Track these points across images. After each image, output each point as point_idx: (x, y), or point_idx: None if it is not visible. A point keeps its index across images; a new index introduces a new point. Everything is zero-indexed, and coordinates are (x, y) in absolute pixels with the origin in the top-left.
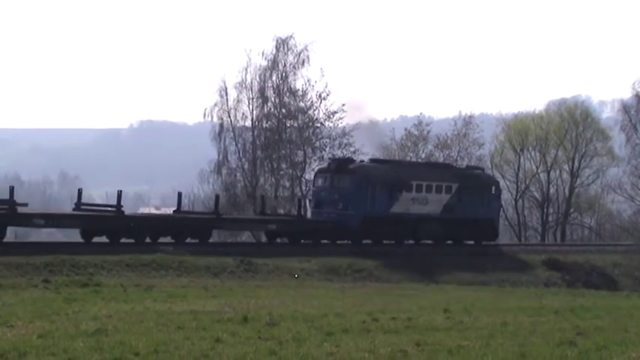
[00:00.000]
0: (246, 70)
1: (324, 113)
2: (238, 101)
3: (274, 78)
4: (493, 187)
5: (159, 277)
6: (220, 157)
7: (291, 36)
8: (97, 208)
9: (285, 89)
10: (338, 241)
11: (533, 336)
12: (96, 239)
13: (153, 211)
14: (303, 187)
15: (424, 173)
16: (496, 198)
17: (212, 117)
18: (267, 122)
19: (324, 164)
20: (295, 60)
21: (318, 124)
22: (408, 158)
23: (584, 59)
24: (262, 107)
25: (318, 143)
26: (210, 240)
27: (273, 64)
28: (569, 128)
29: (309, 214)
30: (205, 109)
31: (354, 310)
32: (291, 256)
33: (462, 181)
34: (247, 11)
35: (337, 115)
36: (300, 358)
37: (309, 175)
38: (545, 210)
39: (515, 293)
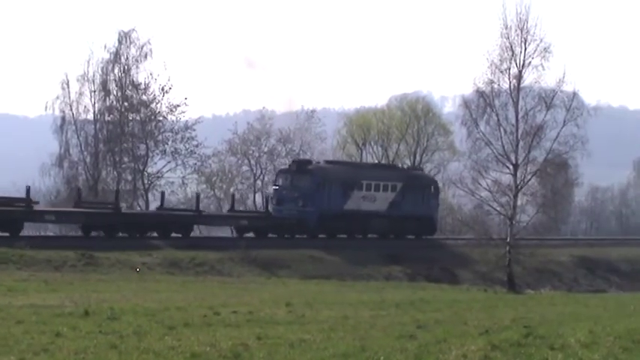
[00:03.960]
0: (88, 62)
1: (167, 107)
2: (80, 94)
3: (117, 71)
4: (432, 187)
5: None
6: (62, 150)
7: (133, 29)
8: (95, 206)
9: (128, 82)
10: (297, 236)
11: (374, 329)
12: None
13: None
14: (145, 181)
15: (373, 173)
16: (435, 196)
17: (54, 109)
18: (109, 115)
19: (285, 165)
20: (138, 53)
21: (161, 118)
22: (251, 152)
23: (426, 55)
24: (104, 100)
25: (160, 137)
26: (51, 233)
27: (116, 57)
28: (411, 123)
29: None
30: (47, 102)
31: (195, 304)
32: (133, 250)
33: (406, 180)
34: (90, 3)
35: (180, 109)
36: (141, 352)
37: (152, 169)
38: None
39: (356, 287)
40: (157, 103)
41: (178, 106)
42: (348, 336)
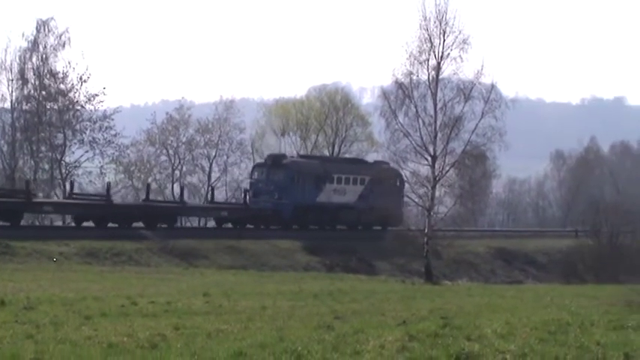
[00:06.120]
0: (6, 51)
1: (85, 96)
2: None
3: (34, 59)
4: (398, 180)
5: None
6: None
7: (52, 18)
8: (88, 197)
9: (46, 71)
10: (272, 227)
11: (292, 320)
12: None
13: None
14: (63, 170)
15: (343, 167)
16: (400, 189)
17: None
18: (26, 104)
19: (262, 159)
20: (56, 42)
21: (79, 107)
22: (169, 142)
23: (345, 47)
24: (22, 89)
25: (78, 126)
26: None
27: (34, 45)
28: (330, 114)
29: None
30: None
31: (112, 294)
32: (50, 240)
33: (373, 174)
34: None
35: (98, 98)
36: (58, 341)
37: (69, 158)
38: None
39: (274, 277)
40: (74, 92)
41: (96, 95)
42: (266, 326)
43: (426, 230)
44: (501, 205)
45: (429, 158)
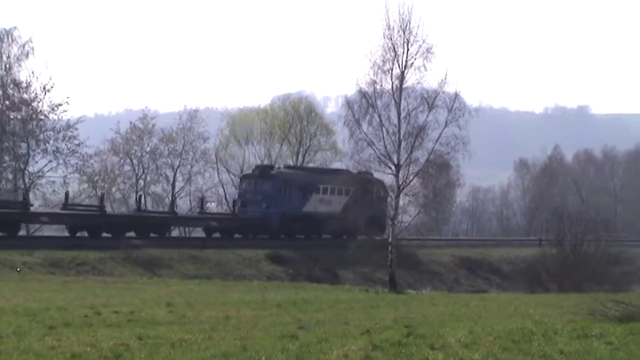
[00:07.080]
0: None
1: (49, 105)
2: None
3: None
4: (381, 190)
5: None
6: None
7: (15, 27)
8: (83, 208)
9: (9, 81)
10: (259, 236)
11: (256, 329)
12: None
13: None
14: (26, 180)
15: (328, 178)
16: (384, 199)
17: None
18: None
19: (249, 170)
20: (19, 52)
21: (42, 117)
22: (133, 151)
23: (308, 56)
24: None
25: (42, 136)
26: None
27: None
28: (294, 123)
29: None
30: None
31: (76, 304)
32: (13, 249)
33: (357, 184)
34: None
35: (61, 108)
36: (21, 352)
37: (33, 168)
38: None
39: (238, 287)
40: (38, 102)
41: (60, 104)
42: (230, 336)
43: (390, 239)
44: (465, 214)
45: (393, 167)
